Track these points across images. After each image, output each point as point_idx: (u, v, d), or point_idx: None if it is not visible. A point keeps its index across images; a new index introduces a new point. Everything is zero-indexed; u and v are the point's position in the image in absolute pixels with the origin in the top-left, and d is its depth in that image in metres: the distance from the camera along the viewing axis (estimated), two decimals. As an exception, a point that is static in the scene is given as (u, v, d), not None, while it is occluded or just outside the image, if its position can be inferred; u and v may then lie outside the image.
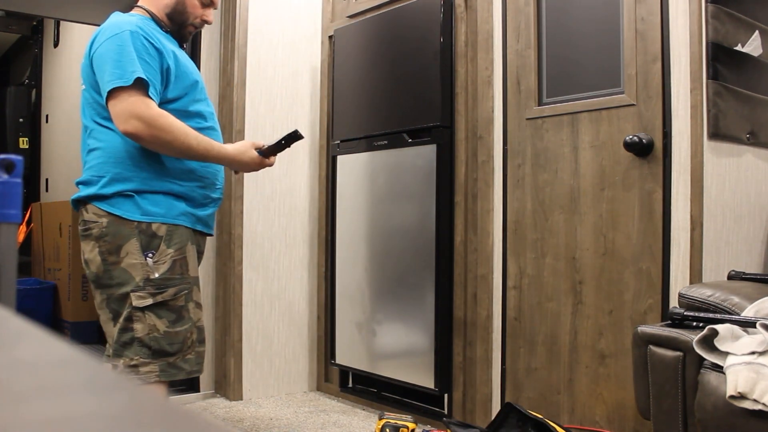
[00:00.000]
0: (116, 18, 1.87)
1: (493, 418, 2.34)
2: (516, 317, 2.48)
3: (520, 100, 2.49)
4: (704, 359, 1.60)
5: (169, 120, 1.77)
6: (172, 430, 0.28)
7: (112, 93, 1.74)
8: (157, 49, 1.81)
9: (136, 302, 1.78)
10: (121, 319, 1.80)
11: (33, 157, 5.92)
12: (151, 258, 1.81)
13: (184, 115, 1.86)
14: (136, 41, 1.77)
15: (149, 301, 1.79)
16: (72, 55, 5.20)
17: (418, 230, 2.74)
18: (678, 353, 1.67)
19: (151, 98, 1.76)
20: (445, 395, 2.69)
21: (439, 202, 2.65)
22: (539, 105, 2.44)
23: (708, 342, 1.60)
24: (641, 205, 2.14)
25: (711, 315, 1.71)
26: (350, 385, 3.17)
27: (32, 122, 6.02)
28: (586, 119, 2.29)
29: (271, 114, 3.23)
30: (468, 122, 2.64)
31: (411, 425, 2.38)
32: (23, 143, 5.93)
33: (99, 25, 1.86)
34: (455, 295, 2.65)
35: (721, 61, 2.05)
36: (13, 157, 1.06)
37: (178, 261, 1.85)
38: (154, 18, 1.94)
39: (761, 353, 1.51)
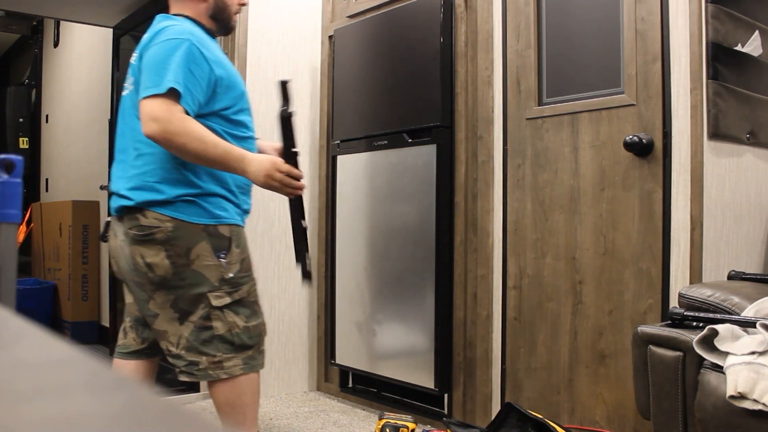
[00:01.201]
0: (174, 23, 1.86)
1: (493, 418, 2.34)
2: (516, 317, 2.48)
3: (520, 100, 2.49)
4: (704, 359, 1.60)
5: (186, 123, 1.73)
6: (172, 430, 0.28)
7: (145, 98, 1.75)
8: (207, 61, 1.81)
9: (214, 302, 1.85)
10: (195, 318, 1.85)
11: (33, 157, 5.91)
12: (224, 259, 1.87)
13: (230, 123, 1.89)
14: (190, 51, 1.78)
15: (227, 300, 1.86)
16: (72, 55, 5.20)
17: (418, 230, 2.74)
18: (678, 353, 1.67)
19: (181, 106, 1.75)
20: (445, 395, 2.69)
21: (439, 202, 2.65)
22: (539, 105, 2.44)
23: (708, 342, 1.60)
24: (641, 205, 2.14)
25: (711, 315, 1.71)
26: (350, 385, 3.17)
27: (32, 122, 6.02)
28: (586, 119, 2.29)
29: (271, 114, 3.22)
30: (468, 122, 2.64)
31: (411, 425, 2.38)
32: (23, 143, 5.93)
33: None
34: (455, 295, 2.65)
35: (721, 61, 2.05)
36: (13, 157, 1.06)
37: (245, 260, 1.93)
38: (198, 24, 1.93)
39: (761, 353, 1.51)
